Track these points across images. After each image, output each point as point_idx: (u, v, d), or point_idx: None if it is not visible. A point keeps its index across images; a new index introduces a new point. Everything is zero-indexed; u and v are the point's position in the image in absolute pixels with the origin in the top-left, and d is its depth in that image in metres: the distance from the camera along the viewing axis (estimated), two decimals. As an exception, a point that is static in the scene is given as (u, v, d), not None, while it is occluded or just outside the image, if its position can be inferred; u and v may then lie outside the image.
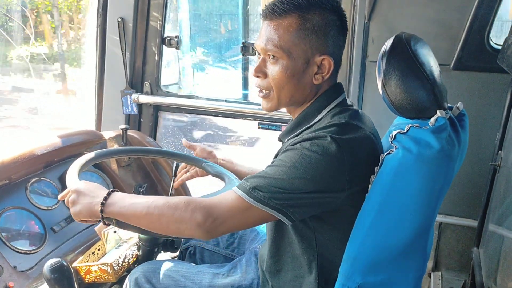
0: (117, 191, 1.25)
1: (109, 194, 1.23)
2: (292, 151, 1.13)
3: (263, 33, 1.21)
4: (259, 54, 1.26)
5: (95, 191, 1.25)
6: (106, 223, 1.24)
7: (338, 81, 1.29)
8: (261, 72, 1.24)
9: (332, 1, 1.20)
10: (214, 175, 1.71)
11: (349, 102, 1.29)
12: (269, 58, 1.21)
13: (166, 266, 1.46)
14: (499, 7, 2.02)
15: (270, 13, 1.19)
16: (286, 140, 1.30)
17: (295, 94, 1.23)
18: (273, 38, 1.18)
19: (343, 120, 1.18)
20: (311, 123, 1.24)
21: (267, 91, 1.25)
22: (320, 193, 1.11)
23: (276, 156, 1.29)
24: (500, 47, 1.86)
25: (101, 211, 1.20)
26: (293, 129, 1.29)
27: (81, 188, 1.26)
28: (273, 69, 1.21)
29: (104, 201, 1.21)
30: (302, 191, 1.10)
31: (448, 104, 1.23)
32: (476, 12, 2.00)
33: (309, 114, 1.26)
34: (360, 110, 1.28)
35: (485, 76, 2.08)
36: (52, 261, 1.49)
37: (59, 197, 1.33)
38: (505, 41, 1.72)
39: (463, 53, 2.07)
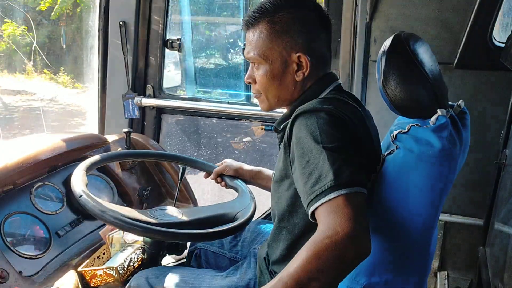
0: None
1: None
2: (303, 135, 1.08)
3: (246, 43, 1.30)
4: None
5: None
6: None
7: (340, 81, 1.31)
8: (250, 78, 1.33)
9: None
10: (229, 187, 1.76)
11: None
12: (253, 65, 1.30)
13: (169, 272, 1.46)
14: (502, 4, 2.01)
15: (246, 24, 1.28)
16: (281, 128, 1.33)
17: (281, 94, 1.29)
18: (251, 47, 1.27)
19: (337, 96, 1.23)
20: None
21: (259, 94, 1.33)
22: (358, 149, 1.07)
23: (280, 148, 1.30)
24: (503, 45, 1.85)
25: None
26: (287, 116, 1.31)
27: None
28: (258, 74, 1.29)
29: None
30: (350, 152, 1.05)
31: (450, 103, 1.23)
32: (479, 9, 1.99)
33: (303, 101, 1.26)
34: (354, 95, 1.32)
35: (488, 74, 2.07)
36: None
37: None
38: (509, 38, 1.71)
39: (465, 52, 2.06)
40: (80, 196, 1.38)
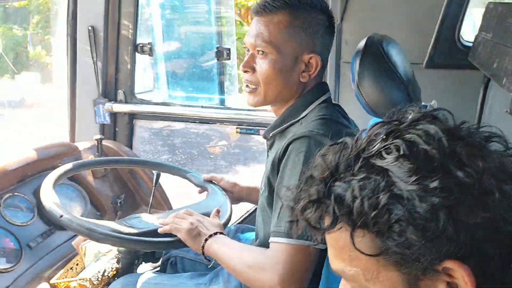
0: (222, 233, 1.28)
1: (216, 233, 1.26)
2: (293, 163, 1.12)
3: (253, 29, 1.23)
4: (247, 50, 1.27)
5: (210, 226, 1.29)
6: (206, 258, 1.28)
7: (330, 92, 1.31)
8: (249, 67, 1.25)
9: (321, 1, 1.23)
10: (198, 185, 1.72)
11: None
12: (258, 53, 1.23)
13: (146, 278, 1.43)
14: (468, 5, 2.05)
15: (261, 9, 1.21)
16: (270, 136, 1.31)
17: (282, 91, 1.25)
18: (263, 34, 1.20)
19: (329, 115, 1.19)
20: (298, 118, 1.25)
21: (254, 86, 1.26)
22: None
23: (268, 155, 1.31)
24: (471, 44, 1.89)
25: (203, 246, 1.24)
26: (278, 125, 1.29)
27: (196, 218, 1.31)
28: (262, 64, 1.22)
29: (208, 238, 1.24)
30: None
31: (423, 103, 1.24)
32: (446, 10, 2.03)
33: (294, 110, 1.26)
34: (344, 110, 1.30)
35: (457, 73, 2.11)
36: None
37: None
38: (476, 38, 1.75)
39: (435, 52, 2.09)
40: (61, 216, 1.34)
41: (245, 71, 1.27)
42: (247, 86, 1.28)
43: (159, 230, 1.32)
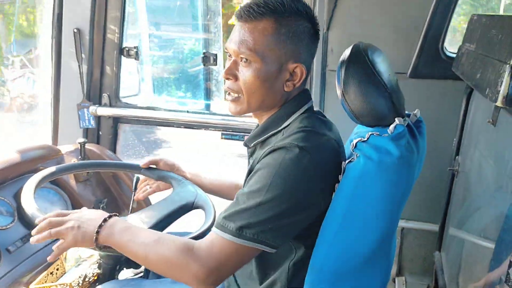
0: (116, 215, 1.23)
1: (105, 220, 1.20)
2: (264, 171, 1.10)
3: (236, 35, 1.18)
4: (229, 56, 1.23)
5: (93, 216, 1.23)
6: (102, 250, 1.22)
7: (312, 99, 1.30)
8: (231, 74, 1.20)
9: (307, 8, 1.20)
10: (158, 179, 1.70)
11: (315, 109, 1.29)
12: (241, 60, 1.18)
13: (128, 284, 1.41)
14: (452, 16, 2.09)
15: (246, 15, 1.16)
16: (252, 145, 1.29)
17: (265, 99, 1.21)
18: (247, 41, 1.16)
19: (310, 127, 1.17)
20: (279, 128, 1.23)
21: (236, 95, 1.22)
22: (301, 210, 1.10)
23: (249, 163, 1.28)
24: (454, 55, 1.92)
25: (96, 239, 1.18)
26: (259, 134, 1.27)
27: (74, 217, 1.23)
28: (245, 72, 1.18)
29: (99, 229, 1.18)
30: (286, 215, 1.08)
31: (406, 112, 1.25)
32: (431, 21, 2.06)
33: (277, 119, 1.24)
34: (326, 117, 1.29)
35: (441, 83, 2.14)
36: None
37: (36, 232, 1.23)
38: (459, 49, 1.78)
39: (419, 61, 2.12)
40: None
41: (227, 78, 1.22)
42: (229, 94, 1.24)
43: (35, 240, 1.23)
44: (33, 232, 1.22)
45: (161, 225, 1.44)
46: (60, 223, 1.22)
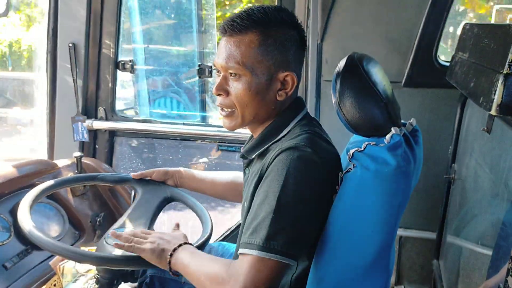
0: (189, 244, 1.24)
1: (179, 245, 1.20)
2: (275, 174, 1.09)
3: (223, 50, 1.17)
4: (218, 72, 1.23)
5: (173, 239, 1.24)
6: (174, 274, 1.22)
7: (307, 107, 1.31)
8: (222, 90, 1.20)
9: (291, 16, 1.21)
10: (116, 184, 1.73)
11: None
12: (231, 75, 1.18)
13: None
14: (445, 26, 2.11)
15: (230, 29, 1.16)
16: (252, 156, 1.28)
17: (259, 112, 1.21)
18: (234, 55, 1.15)
19: (312, 131, 1.18)
20: (279, 137, 1.23)
21: (230, 110, 1.22)
22: (317, 211, 1.11)
23: (245, 174, 1.29)
24: (448, 64, 1.93)
25: (169, 262, 1.19)
26: (258, 145, 1.26)
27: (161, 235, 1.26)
28: (236, 86, 1.18)
29: (172, 252, 1.19)
30: (305, 218, 1.07)
31: (402, 121, 1.26)
32: (424, 30, 2.08)
33: (275, 128, 1.24)
34: (322, 127, 1.30)
35: (435, 92, 2.16)
36: None
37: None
38: (453, 58, 1.79)
39: (413, 71, 2.14)
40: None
41: (218, 95, 1.22)
42: (222, 109, 1.23)
43: (116, 250, 1.27)
44: (114, 235, 1.26)
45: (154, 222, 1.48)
46: (143, 238, 1.25)
